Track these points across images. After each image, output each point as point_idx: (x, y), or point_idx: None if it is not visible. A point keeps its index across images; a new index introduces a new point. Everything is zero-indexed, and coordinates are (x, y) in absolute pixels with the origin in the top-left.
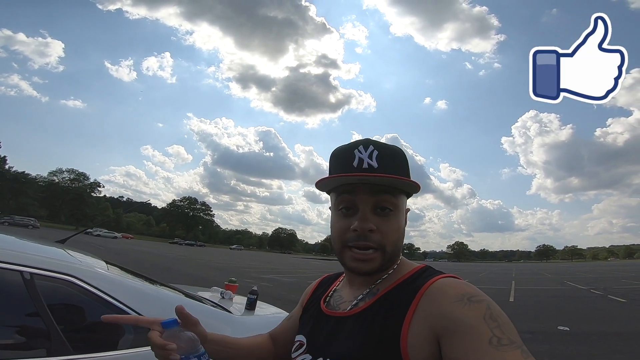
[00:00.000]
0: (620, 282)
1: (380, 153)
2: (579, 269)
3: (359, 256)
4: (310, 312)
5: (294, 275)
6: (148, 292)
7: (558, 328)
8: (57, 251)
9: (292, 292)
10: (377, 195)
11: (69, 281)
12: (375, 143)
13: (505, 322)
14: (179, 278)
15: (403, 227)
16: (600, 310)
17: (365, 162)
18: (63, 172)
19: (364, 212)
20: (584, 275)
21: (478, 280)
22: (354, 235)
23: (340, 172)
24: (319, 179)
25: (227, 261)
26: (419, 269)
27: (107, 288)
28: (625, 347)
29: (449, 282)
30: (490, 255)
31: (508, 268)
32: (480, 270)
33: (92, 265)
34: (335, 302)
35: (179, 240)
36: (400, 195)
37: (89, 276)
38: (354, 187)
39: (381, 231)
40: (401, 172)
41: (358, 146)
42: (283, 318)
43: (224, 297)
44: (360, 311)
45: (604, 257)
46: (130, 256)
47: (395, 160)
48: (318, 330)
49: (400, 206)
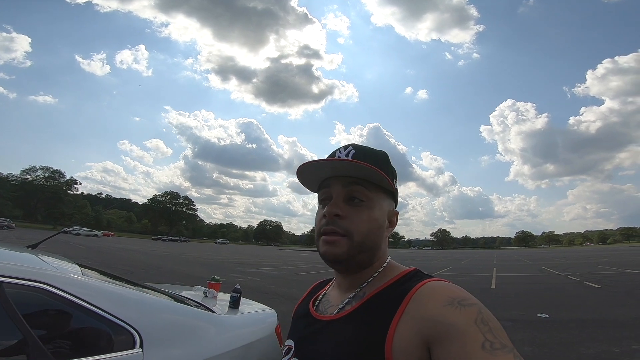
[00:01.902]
0: (595, 268)
1: (357, 152)
2: (556, 255)
3: (327, 239)
4: (300, 317)
5: (281, 268)
6: (127, 296)
7: (538, 315)
8: (27, 257)
9: (280, 286)
10: (349, 186)
11: (42, 289)
12: (355, 145)
13: (497, 327)
14: (163, 276)
15: (379, 221)
16: (577, 297)
17: (340, 156)
18: (37, 170)
19: (336, 200)
20: (561, 262)
21: (462, 268)
22: (324, 222)
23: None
24: (298, 168)
25: (212, 256)
26: (408, 273)
27: (82, 294)
28: (602, 334)
29: (439, 285)
30: (472, 242)
31: (489, 255)
32: (463, 257)
33: (65, 270)
34: (324, 306)
35: (162, 237)
36: (377, 190)
37: (62, 282)
38: (330, 181)
39: (350, 218)
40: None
41: (340, 148)
42: (268, 315)
43: (207, 296)
44: (346, 315)
45: (579, 243)
46: (112, 254)
47: (371, 157)
48: (306, 334)
49: (375, 200)
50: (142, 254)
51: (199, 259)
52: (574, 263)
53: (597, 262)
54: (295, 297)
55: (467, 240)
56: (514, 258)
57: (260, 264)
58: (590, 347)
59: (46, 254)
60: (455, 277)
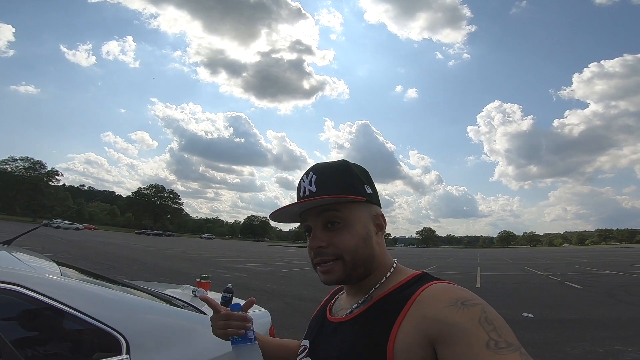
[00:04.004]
0: (575, 269)
1: (318, 177)
2: (537, 255)
3: (322, 269)
4: (317, 319)
5: (268, 264)
6: (112, 297)
7: (523, 315)
8: (5, 256)
9: (268, 282)
10: (322, 214)
11: (15, 291)
12: (316, 168)
13: (502, 325)
14: (147, 271)
15: (364, 234)
16: (560, 297)
17: (307, 189)
18: (17, 161)
19: (314, 232)
20: (542, 261)
21: (446, 266)
22: (312, 255)
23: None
24: (270, 214)
25: (198, 251)
26: (415, 276)
27: (61, 296)
28: (586, 334)
29: (443, 286)
30: (456, 241)
31: (473, 253)
32: (448, 256)
33: (42, 270)
34: (336, 309)
35: (146, 231)
36: (350, 206)
37: (38, 283)
38: (305, 213)
39: (332, 244)
40: (341, 187)
41: (303, 176)
42: (261, 316)
43: (196, 295)
44: (355, 317)
45: (559, 243)
46: (93, 249)
47: (332, 178)
48: (320, 335)
49: (351, 217)
50: (125, 248)
51: (184, 254)
52: (554, 263)
53: (576, 263)
54: (283, 294)
55: (451, 238)
56: (496, 257)
57: (247, 260)
58: (575, 347)
59: (22, 251)
60: (441, 275)
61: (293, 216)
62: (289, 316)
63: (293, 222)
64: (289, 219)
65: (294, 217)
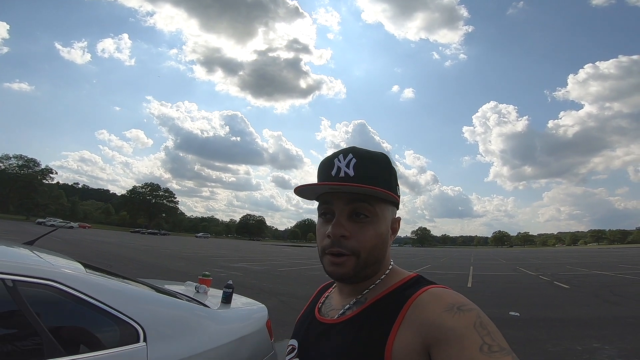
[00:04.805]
0: (565, 269)
1: (359, 162)
2: (530, 255)
3: (333, 260)
4: (304, 318)
5: (264, 263)
6: (130, 292)
7: (510, 314)
8: (33, 256)
9: (264, 281)
10: (352, 203)
11: (52, 286)
12: (355, 151)
13: (495, 330)
14: (144, 270)
15: (384, 235)
16: (547, 297)
17: (343, 170)
18: (10, 159)
19: (339, 219)
20: (534, 262)
21: (440, 266)
22: (329, 242)
23: (321, 181)
24: (297, 187)
25: (194, 250)
26: (410, 279)
27: (89, 290)
28: (567, 332)
29: (438, 291)
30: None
31: (467, 253)
32: (442, 256)
33: (71, 268)
34: (326, 309)
35: (141, 229)
36: (381, 203)
37: (70, 280)
38: (331, 195)
39: (356, 237)
40: (380, 181)
41: (339, 155)
42: (258, 310)
43: (198, 291)
44: (347, 319)
45: (552, 244)
46: (89, 247)
47: (373, 168)
48: (308, 335)
49: (380, 214)
50: (121, 247)
51: (180, 253)
52: (546, 263)
53: (567, 263)
54: (279, 292)
55: (446, 238)
56: (490, 257)
57: (242, 259)
58: (557, 344)
59: (44, 251)
60: (434, 274)
61: (315, 193)
62: (285, 314)
63: (312, 199)
64: (311, 196)
65: (315, 194)
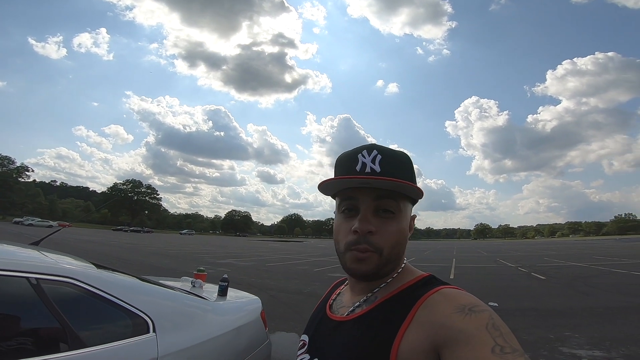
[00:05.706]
0: (543, 260)
1: (384, 157)
2: (510, 247)
3: (358, 256)
4: (316, 314)
5: (251, 259)
6: (139, 286)
7: (488, 304)
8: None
9: (252, 276)
10: (379, 199)
11: (72, 283)
12: (379, 148)
13: (508, 332)
14: (132, 268)
15: (406, 232)
16: (524, 287)
17: (368, 166)
18: None
19: (365, 214)
20: (514, 254)
21: (424, 258)
22: (354, 237)
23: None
24: (322, 181)
25: (179, 247)
26: (422, 278)
27: (103, 286)
28: (541, 322)
29: (450, 292)
30: (434, 233)
31: (450, 246)
32: (426, 248)
33: (84, 266)
34: (337, 306)
35: (123, 227)
36: (404, 200)
37: (86, 277)
38: (357, 190)
39: (381, 233)
40: (405, 177)
41: (362, 151)
42: (253, 302)
43: (194, 286)
44: (356, 317)
45: (531, 236)
46: (72, 247)
47: (398, 165)
48: (319, 331)
49: (403, 211)
50: (104, 245)
51: (165, 250)
52: (525, 255)
53: (545, 255)
54: (268, 287)
55: (430, 231)
56: (472, 249)
57: (229, 255)
58: (531, 333)
59: (51, 251)
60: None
61: (334, 189)
62: (275, 307)
63: (330, 194)
64: (329, 191)
65: (335, 190)
